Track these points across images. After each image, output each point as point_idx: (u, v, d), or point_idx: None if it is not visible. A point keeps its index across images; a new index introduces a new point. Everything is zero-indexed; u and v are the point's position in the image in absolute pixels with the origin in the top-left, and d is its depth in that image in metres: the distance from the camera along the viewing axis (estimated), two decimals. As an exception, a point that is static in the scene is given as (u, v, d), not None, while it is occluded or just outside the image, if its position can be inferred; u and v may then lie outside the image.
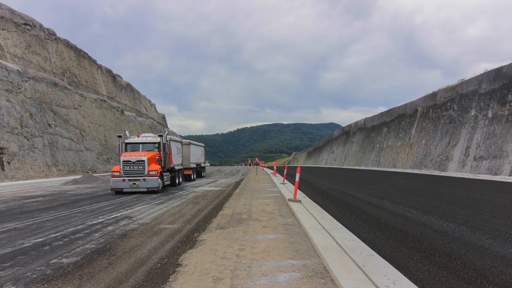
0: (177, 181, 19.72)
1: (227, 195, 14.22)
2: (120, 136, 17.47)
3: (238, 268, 4.49)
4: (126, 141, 16.90)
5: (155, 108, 74.74)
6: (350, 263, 4.49)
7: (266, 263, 4.66)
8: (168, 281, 4.14)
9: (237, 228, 7.07)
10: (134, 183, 15.10)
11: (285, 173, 20.74)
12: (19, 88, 28.17)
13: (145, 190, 15.21)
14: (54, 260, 5.22)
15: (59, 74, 38.20)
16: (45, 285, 4.22)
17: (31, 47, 34.73)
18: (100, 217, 9.22)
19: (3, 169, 24.04)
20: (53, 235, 7.03)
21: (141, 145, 16.66)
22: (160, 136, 17.04)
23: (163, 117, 78.85)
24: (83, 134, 37.08)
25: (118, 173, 15.22)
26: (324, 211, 8.90)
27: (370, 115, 59.09)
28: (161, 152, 16.60)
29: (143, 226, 7.82)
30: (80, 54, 44.54)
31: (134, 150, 16.33)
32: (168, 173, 17.75)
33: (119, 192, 15.24)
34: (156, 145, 16.72)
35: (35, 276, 4.54)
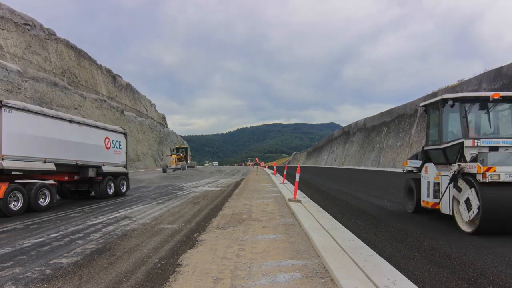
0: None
1: (227, 195, 14.21)
2: None
3: (238, 268, 4.49)
4: None
5: (155, 108, 74.76)
6: (350, 263, 4.49)
7: (266, 263, 4.66)
8: (168, 281, 4.14)
9: (237, 228, 7.06)
10: None
11: (285, 173, 20.73)
12: (19, 88, 28.17)
13: None
14: (54, 260, 5.22)
15: (59, 74, 38.21)
16: (45, 285, 4.22)
17: (31, 47, 34.74)
18: (100, 217, 9.22)
19: (3, 169, 24.05)
20: (53, 235, 7.03)
21: None
22: None
23: (163, 117, 78.86)
24: (83, 134, 37.03)
25: None
26: (324, 211, 8.90)
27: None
28: None
29: (143, 226, 7.82)
30: (80, 54, 44.57)
31: None
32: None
33: None
34: None
35: (35, 276, 4.54)
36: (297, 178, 11.32)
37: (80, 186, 13.92)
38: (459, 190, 6.60)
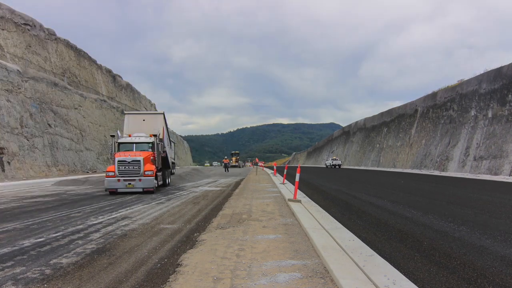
0: (167, 181, 19.58)
1: (227, 195, 14.21)
2: (113, 136, 17.01)
3: (238, 268, 4.49)
4: (119, 140, 16.46)
5: (155, 108, 74.78)
6: (350, 263, 4.49)
7: (266, 263, 4.66)
8: (168, 281, 4.14)
9: (237, 228, 7.06)
10: (129, 183, 14.82)
11: (285, 173, 20.72)
12: (19, 88, 28.17)
13: (140, 190, 14.98)
14: (54, 260, 5.22)
15: (59, 74, 38.22)
16: (45, 285, 4.22)
17: (31, 47, 34.73)
18: (100, 217, 9.22)
19: (3, 169, 24.04)
20: (53, 235, 7.03)
21: (134, 145, 16.27)
22: (154, 136, 16.71)
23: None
24: (83, 134, 37.10)
25: (112, 173, 14.90)
26: (324, 211, 8.90)
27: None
28: (155, 152, 16.39)
29: (143, 226, 7.82)
30: (80, 54, 44.57)
31: (128, 150, 15.96)
32: (160, 173, 17.34)
33: (113, 192, 15.00)
34: (150, 145, 16.47)
35: (35, 276, 4.54)
36: (297, 178, 11.32)
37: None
38: None
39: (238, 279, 4.06)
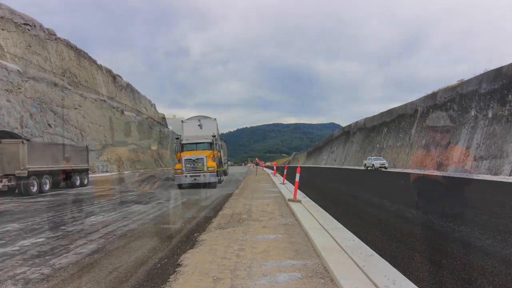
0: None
1: (227, 195, 14.21)
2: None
3: (238, 268, 4.49)
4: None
5: (155, 108, 74.81)
6: (350, 263, 4.49)
7: (266, 263, 4.66)
8: (168, 281, 4.14)
9: (237, 228, 7.06)
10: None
11: (285, 173, 20.72)
12: (19, 88, 28.19)
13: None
14: (54, 260, 5.22)
15: (59, 74, 38.22)
16: (45, 285, 4.22)
17: (31, 47, 34.73)
18: (100, 217, 9.22)
19: (3, 169, 24.04)
20: (53, 235, 7.03)
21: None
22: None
23: (163, 118, 78.91)
24: (83, 134, 37.13)
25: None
26: (324, 211, 8.89)
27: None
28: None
29: (143, 226, 7.82)
30: (80, 54, 44.56)
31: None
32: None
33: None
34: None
35: (35, 276, 4.54)
36: (297, 178, 11.32)
37: None
38: None
39: (238, 279, 4.06)
